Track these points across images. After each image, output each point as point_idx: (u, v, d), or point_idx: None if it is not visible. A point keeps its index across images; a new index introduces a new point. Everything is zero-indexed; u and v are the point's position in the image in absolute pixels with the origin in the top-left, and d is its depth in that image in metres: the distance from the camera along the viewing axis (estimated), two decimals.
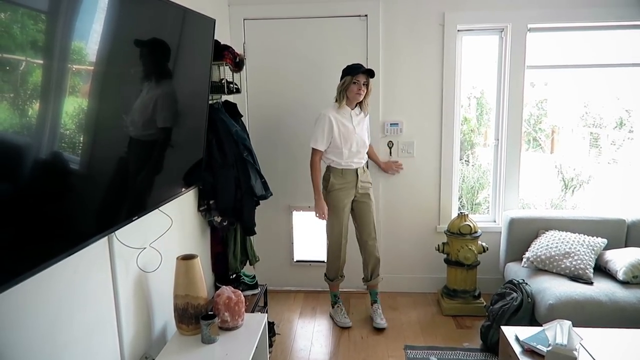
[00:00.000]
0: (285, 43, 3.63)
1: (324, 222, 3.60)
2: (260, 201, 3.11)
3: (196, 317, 2.14)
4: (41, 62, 1.24)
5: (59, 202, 1.37)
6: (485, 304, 3.40)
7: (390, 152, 3.71)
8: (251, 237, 3.23)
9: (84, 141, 1.45)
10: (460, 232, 3.42)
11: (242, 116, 3.26)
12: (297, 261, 3.96)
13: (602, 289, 2.83)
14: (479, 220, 3.66)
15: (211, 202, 2.87)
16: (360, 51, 3.58)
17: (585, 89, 4.73)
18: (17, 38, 1.14)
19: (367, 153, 3.36)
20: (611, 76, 4.25)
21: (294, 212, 3.88)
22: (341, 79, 3.15)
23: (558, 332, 2.12)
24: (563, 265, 3.01)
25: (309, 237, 3.97)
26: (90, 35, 1.41)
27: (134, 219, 1.78)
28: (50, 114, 1.29)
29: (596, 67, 3.94)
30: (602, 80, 4.37)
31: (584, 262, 2.99)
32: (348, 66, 3.14)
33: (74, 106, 1.39)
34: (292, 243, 3.92)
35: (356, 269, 3.87)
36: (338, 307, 3.47)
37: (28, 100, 1.21)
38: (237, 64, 3.12)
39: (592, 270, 2.98)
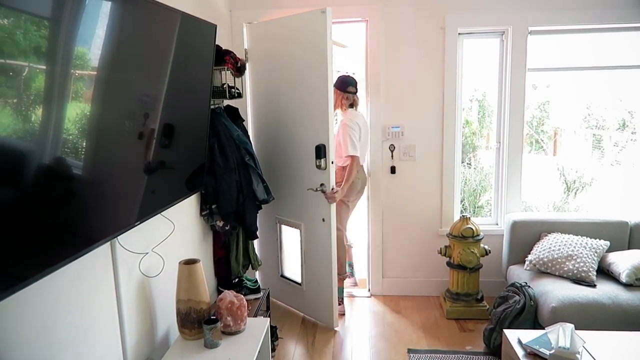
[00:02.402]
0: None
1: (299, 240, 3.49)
2: (262, 205, 3.12)
3: (199, 322, 2.15)
4: (44, 67, 1.25)
5: (61, 207, 1.38)
6: (488, 307, 3.40)
7: (392, 156, 3.71)
8: (253, 242, 3.23)
9: (86, 147, 1.46)
10: (462, 235, 3.42)
11: (243, 120, 3.27)
12: (282, 276, 3.71)
13: (605, 291, 2.82)
14: (481, 223, 3.65)
15: (213, 206, 2.88)
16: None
17: (588, 91, 4.73)
18: (20, 44, 1.15)
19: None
20: (613, 78, 4.25)
21: (281, 225, 3.62)
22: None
23: (561, 335, 2.12)
24: (566, 268, 3.00)
25: (291, 254, 3.66)
26: (92, 41, 1.43)
27: (136, 224, 1.78)
28: (53, 120, 1.30)
29: (598, 69, 3.94)
30: (605, 82, 4.37)
31: (587, 264, 2.98)
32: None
33: (77, 111, 1.39)
34: (278, 257, 3.69)
35: (323, 301, 3.64)
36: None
37: (31, 105, 1.22)
38: (239, 69, 3.13)
39: (594, 273, 2.97)
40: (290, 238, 3.62)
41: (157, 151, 1.96)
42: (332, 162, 3.16)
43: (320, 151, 3.15)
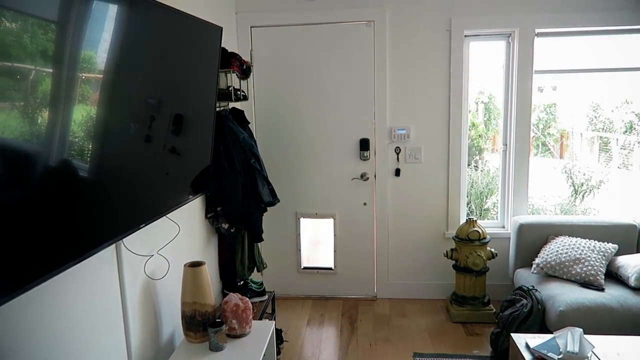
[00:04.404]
0: (292, 50, 3.65)
1: (332, 229, 3.60)
2: (268, 208, 3.11)
3: (204, 325, 2.14)
4: (51, 70, 1.25)
5: (67, 209, 1.38)
6: (494, 310, 3.37)
7: (398, 158, 3.70)
8: (258, 244, 3.23)
9: (92, 149, 1.46)
10: (468, 238, 3.40)
11: (249, 123, 3.27)
12: (305, 268, 3.95)
13: (613, 295, 2.79)
14: (487, 226, 3.63)
15: (219, 209, 2.88)
16: (367, 57, 3.59)
17: (594, 94, 4.70)
18: (27, 47, 1.15)
19: None
20: (620, 80, 4.22)
21: (302, 219, 3.88)
22: None
23: (569, 339, 2.10)
24: (573, 272, 2.98)
25: (316, 244, 3.96)
26: (99, 44, 1.43)
27: (141, 226, 1.78)
28: (60, 122, 1.30)
29: (605, 71, 3.92)
30: (611, 84, 4.35)
31: (595, 268, 2.95)
32: None
33: (83, 114, 1.40)
34: (300, 250, 3.92)
35: (363, 276, 3.88)
36: None
37: (38, 108, 1.22)
38: (244, 72, 3.13)
39: (603, 277, 2.94)
40: (315, 229, 3.96)
41: (163, 153, 1.96)
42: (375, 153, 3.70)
43: (366, 144, 3.66)
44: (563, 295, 2.80)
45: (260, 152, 3.14)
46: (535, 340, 2.28)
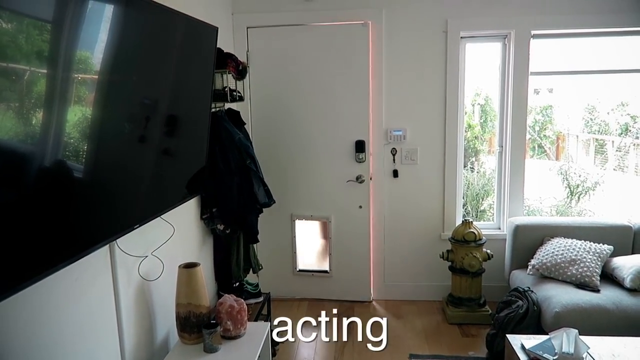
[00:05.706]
0: (289, 51, 3.64)
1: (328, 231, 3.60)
2: (263, 209, 3.11)
3: (198, 326, 2.14)
4: (46, 71, 1.24)
5: (61, 210, 1.37)
6: (490, 312, 3.37)
7: (394, 160, 3.70)
8: (254, 245, 3.22)
9: (86, 149, 1.45)
10: (464, 240, 3.40)
11: (245, 124, 3.26)
12: (300, 271, 3.92)
13: (609, 296, 2.80)
14: (483, 228, 3.63)
15: (214, 210, 2.87)
16: (363, 58, 3.58)
17: (590, 96, 4.71)
18: (22, 48, 1.14)
19: None
20: (616, 82, 4.24)
21: (297, 221, 3.84)
22: None
23: (564, 340, 2.10)
24: (569, 273, 2.98)
25: (312, 247, 3.92)
26: (94, 45, 1.42)
27: (135, 227, 1.77)
28: (54, 123, 1.29)
29: (601, 73, 3.93)
30: (607, 86, 4.36)
31: (590, 269, 2.96)
32: None
33: (77, 115, 1.39)
34: (295, 252, 3.88)
35: (359, 278, 3.85)
36: None
37: (33, 108, 1.21)
38: (240, 72, 3.13)
39: (598, 278, 2.95)
40: (310, 232, 3.89)
41: (158, 154, 1.95)
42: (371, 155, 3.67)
43: (362, 146, 3.59)
44: (558, 296, 2.81)
45: (256, 153, 3.13)
46: (531, 341, 2.28)
